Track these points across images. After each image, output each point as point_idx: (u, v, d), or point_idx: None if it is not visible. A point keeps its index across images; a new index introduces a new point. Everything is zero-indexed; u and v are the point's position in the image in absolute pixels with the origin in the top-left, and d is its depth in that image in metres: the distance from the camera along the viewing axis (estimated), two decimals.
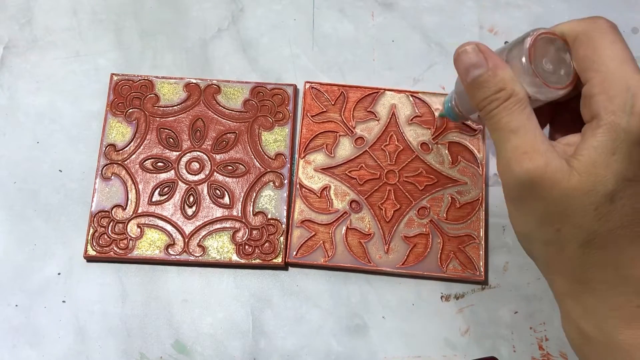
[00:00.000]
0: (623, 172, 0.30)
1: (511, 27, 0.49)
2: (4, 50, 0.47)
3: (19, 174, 0.44)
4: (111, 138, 0.44)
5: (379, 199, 0.43)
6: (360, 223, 0.43)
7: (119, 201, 0.43)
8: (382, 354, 0.41)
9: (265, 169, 0.44)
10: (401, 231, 0.43)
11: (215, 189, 0.43)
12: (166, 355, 0.41)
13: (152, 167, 0.43)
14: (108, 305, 0.41)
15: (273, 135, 0.45)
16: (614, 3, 0.50)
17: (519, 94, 0.32)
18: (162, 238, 0.42)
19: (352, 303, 0.42)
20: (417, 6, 0.49)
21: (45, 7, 0.48)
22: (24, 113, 0.45)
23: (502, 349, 0.41)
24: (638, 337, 0.31)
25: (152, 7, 0.49)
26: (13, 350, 0.40)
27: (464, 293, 0.42)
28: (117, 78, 0.45)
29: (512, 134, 0.32)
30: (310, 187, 0.44)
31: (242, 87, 0.46)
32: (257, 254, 0.42)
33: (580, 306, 0.33)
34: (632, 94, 0.30)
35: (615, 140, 0.30)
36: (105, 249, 0.41)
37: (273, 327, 0.41)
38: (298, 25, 0.49)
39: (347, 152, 0.45)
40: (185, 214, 0.42)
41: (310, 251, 0.42)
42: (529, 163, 0.31)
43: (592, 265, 0.32)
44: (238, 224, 0.42)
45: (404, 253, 0.42)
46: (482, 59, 0.33)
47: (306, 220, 0.43)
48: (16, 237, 0.43)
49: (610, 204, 0.30)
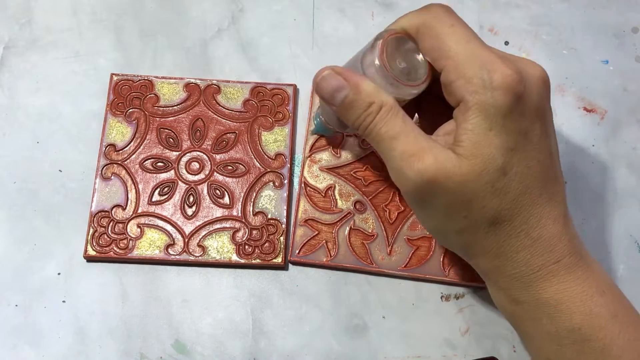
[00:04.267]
0: (504, 144, 0.31)
1: (511, 27, 0.49)
2: (4, 50, 0.47)
3: (19, 174, 0.44)
4: (111, 138, 0.44)
5: (383, 201, 0.43)
6: (364, 224, 0.43)
7: (119, 201, 0.42)
8: (382, 354, 0.41)
9: (265, 169, 0.44)
10: (405, 233, 0.43)
11: (215, 189, 0.43)
12: (166, 355, 0.41)
13: (152, 167, 0.43)
14: (108, 305, 0.41)
15: (273, 135, 0.45)
16: (614, 3, 0.50)
17: (389, 102, 0.33)
18: (162, 238, 0.42)
19: (352, 303, 0.42)
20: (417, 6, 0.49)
21: (45, 7, 0.48)
22: (24, 113, 0.45)
23: (502, 349, 0.41)
24: (560, 292, 0.33)
25: (152, 7, 0.49)
26: (13, 350, 0.40)
27: (464, 293, 0.42)
28: (117, 78, 0.45)
29: (395, 141, 0.32)
30: (315, 186, 0.44)
31: (242, 87, 0.46)
32: (257, 254, 0.42)
33: (506, 277, 0.34)
34: (487, 70, 0.31)
35: (487, 117, 0.31)
36: (105, 248, 0.41)
37: (273, 327, 0.41)
38: (298, 25, 0.49)
39: (353, 153, 0.45)
40: (185, 214, 0.42)
41: (312, 250, 0.42)
42: (419, 164, 0.32)
43: (506, 238, 0.33)
44: (238, 224, 0.42)
45: (407, 255, 0.42)
46: (341, 81, 0.34)
47: (310, 219, 0.43)
48: (16, 237, 0.43)
49: (504, 177, 0.32)
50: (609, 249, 0.44)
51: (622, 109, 0.47)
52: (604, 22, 0.49)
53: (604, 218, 0.44)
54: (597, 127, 0.47)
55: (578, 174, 0.45)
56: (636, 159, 0.46)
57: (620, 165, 0.46)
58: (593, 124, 0.47)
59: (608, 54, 0.48)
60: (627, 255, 0.43)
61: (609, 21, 0.49)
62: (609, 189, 0.45)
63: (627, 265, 0.43)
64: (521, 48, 0.48)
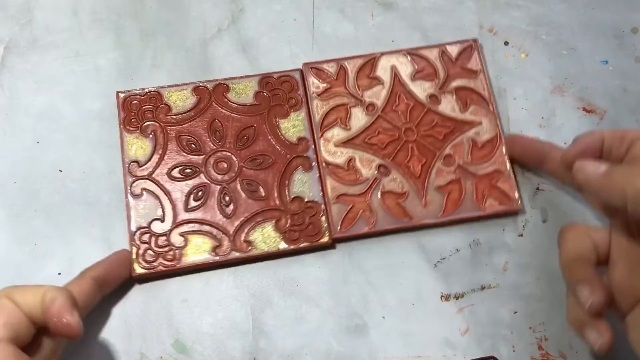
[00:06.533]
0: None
1: (511, 27, 0.49)
2: (4, 50, 0.47)
3: (19, 174, 0.44)
4: (132, 155, 0.44)
5: (404, 158, 0.44)
6: (393, 185, 0.44)
7: (156, 215, 0.42)
8: (382, 354, 0.41)
9: (291, 155, 0.44)
10: (433, 183, 0.44)
11: (247, 184, 0.43)
12: (166, 355, 0.41)
13: (181, 175, 0.43)
14: (108, 305, 0.41)
15: (290, 122, 0.45)
16: (613, 3, 0.50)
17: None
18: (207, 241, 0.42)
19: (352, 303, 0.42)
20: (417, 6, 0.49)
21: (46, 7, 0.48)
22: (24, 113, 0.45)
23: (501, 348, 0.41)
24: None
25: (152, 7, 0.49)
26: None
27: (464, 293, 0.42)
28: (123, 95, 0.45)
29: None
30: (336, 162, 0.44)
31: (249, 81, 0.46)
32: (303, 237, 0.42)
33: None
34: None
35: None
36: (153, 264, 0.41)
37: (273, 327, 0.41)
38: (298, 25, 0.49)
39: (362, 122, 0.45)
40: (224, 214, 0.43)
41: (352, 223, 0.43)
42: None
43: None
44: (278, 212, 0.43)
45: (442, 203, 0.43)
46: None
47: (341, 195, 0.43)
48: (16, 237, 0.43)
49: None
50: None
51: (622, 110, 0.47)
52: (604, 23, 0.49)
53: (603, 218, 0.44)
54: (596, 128, 0.47)
55: None
56: None
57: None
58: (592, 124, 0.47)
59: (608, 55, 0.48)
60: None
61: (609, 21, 0.49)
62: None
63: None
64: (521, 48, 0.49)
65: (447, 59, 0.47)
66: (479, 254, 0.43)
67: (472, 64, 0.47)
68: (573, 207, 0.44)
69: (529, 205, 0.44)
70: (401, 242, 0.43)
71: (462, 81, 0.46)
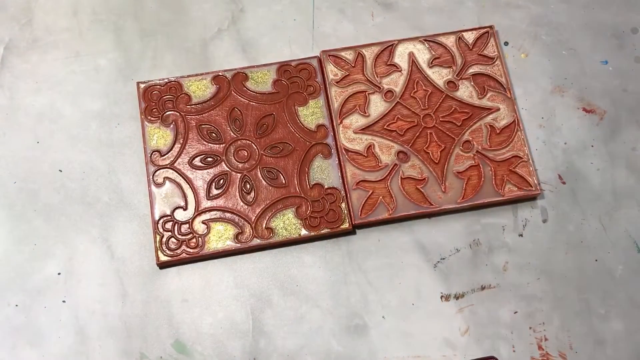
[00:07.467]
0: None
1: (511, 28, 0.49)
2: (4, 50, 0.47)
3: (19, 174, 0.44)
4: (153, 144, 0.44)
5: (423, 144, 0.45)
6: (412, 170, 0.44)
7: (178, 203, 0.43)
8: (382, 354, 0.41)
9: (310, 143, 0.44)
10: (452, 168, 0.44)
11: (267, 172, 0.44)
12: (166, 355, 0.41)
13: (202, 163, 0.44)
14: (108, 305, 0.41)
15: (309, 109, 0.45)
16: (613, 4, 0.50)
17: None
18: (229, 229, 0.42)
19: (352, 303, 0.42)
20: (417, 6, 0.49)
21: (46, 8, 0.48)
22: (24, 113, 0.45)
23: (501, 349, 0.41)
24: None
25: (152, 7, 0.49)
26: (13, 350, 0.40)
27: (464, 293, 0.43)
28: (144, 85, 0.45)
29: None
30: (355, 149, 0.44)
31: (268, 70, 0.46)
32: (324, 224, 0.43)
33: None
34: None
35: None
36: (177, 251, 0.42)
37: (273, 327, 0.41)
38: (298, 25, 0.49)
39: (381, 108, 0.46)
40: (245, 201, 0.43)
41: (372, 209, 0.43)
42: None
43: None
44: (298, 199, 0.43)
45: (461, 188, 0.44)
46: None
47: (361, 182, 0.44)
48: (16, 237, 0.43)
49: None
50: (607, 249, 0.44)
51: (622, 110, 0.47)
52: (604, 23, 0.49)
53: (603, 218, 0.44)
54: (596, 128, 0.47)
55: (577, 174, 0.45)
56: (635, 160, 0.46)
57: (619, 165, 0.46)
58: (592, 124, 0.47)
59: (607, 55, 0.49)
60: (625, 255, 0.44)
61: (609, 22, 0.49)
62: (608, 190, 0.45)
63: (625, 265, 0.43)
64: (521, 48, 0.49)
65: (464, 46, 0.47)
66: (479, 254, 0.43)
67: (488, 51, 0.47)
68: (573, 207, 0.45)
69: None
70: (401, 241, 0.43)
71: (479, 67, 0.47)
